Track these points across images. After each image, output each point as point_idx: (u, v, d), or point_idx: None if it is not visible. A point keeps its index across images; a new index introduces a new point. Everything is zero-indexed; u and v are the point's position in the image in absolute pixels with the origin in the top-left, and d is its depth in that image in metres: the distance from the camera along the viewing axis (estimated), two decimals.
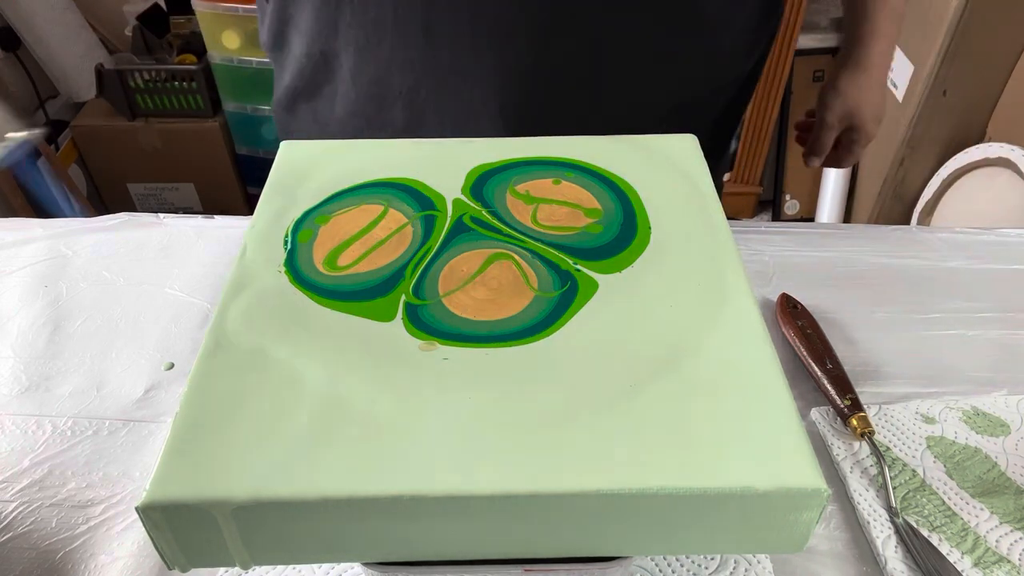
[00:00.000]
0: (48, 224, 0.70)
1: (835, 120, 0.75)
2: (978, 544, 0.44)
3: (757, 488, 0.30)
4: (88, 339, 0.58)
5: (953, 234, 0.69)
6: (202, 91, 1.79)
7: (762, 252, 0.66)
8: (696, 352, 0.35)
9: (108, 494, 0.47)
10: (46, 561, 0.44)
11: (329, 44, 0.65)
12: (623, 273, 0.40)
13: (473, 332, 0.37)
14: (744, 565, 0.43)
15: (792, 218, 1.98)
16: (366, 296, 0.39)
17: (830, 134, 0.76)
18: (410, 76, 0.64)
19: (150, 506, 0.30)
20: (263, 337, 0.36)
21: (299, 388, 0.34)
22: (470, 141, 0.50)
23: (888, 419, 0.51)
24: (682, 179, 0.47)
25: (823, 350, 0.54)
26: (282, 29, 0.68)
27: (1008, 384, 0.54)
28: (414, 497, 0.30)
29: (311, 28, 0.65)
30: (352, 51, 0.64)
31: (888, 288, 0.63)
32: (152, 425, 0.52)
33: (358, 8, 0.62)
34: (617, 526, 0.32)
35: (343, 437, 0.32)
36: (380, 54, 0.63)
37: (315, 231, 0.43)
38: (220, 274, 0.64)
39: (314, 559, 0.34)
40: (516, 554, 0.33)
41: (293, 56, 0.69)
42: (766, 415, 0.33)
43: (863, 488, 0.47)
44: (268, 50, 0.73)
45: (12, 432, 0.51)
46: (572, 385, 0.34)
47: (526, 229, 0.43)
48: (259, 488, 0.30)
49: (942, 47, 1.41)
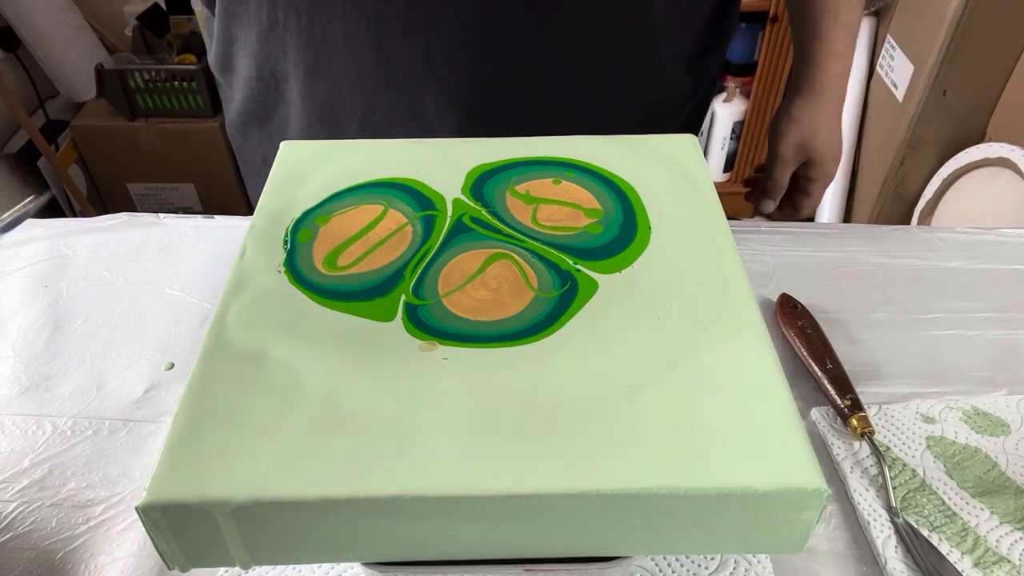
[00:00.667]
0: (48, 224, 0.70)
1: (790, 152, 0.67)
2: (978, 544, 0.44)
3: (757, 488, 0.30)
4: (88, 339, 0.58)
5: (953, 234, 0.69)
6: (202, 91, 1.78)
7: (762, 252, 0.66)
8: (696, 352, 0.35)
9: (108, 494, 0.47)
10: (46, 561, 0.44)
11: (277, 66, 0.63)
12: (623, 273, 0.40)
13: (473, 332, 0.37)
14: (744, 565, 0.43)
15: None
16: (366, 296, 0.39)
17: (786, 169, 0.69)
18: (363, 97, 0.62)
19: (150, 506, 0.30)
20: (263, 337, 0.36)
21: (299, 388, 0.34)
22: (470, 141, 0.50)
23: (888, 419, 0.51)
24: (682, 179, 0.47)
25: (823, 350, 0.54)
26: (228, 51, 0.66)
27: (1008, 384, 0.54)
28: (414, 497, 0.30)
29: (257, 50, 0.63)
30: (301, 73, 0.62)
31: (888, 288, 0.63)
32: (152, 425, 0.52)
33: (304, 29, 0.59)
34: (617, 526, 0.32)
35: (343, 437, 0.32)
36: (331, 76, 0.61)
37: (315, 231, 0.43)
38: (220, 274, 0.64)
39: (314, 559, 0.34)
40: (516, 554, 0.33)
41: (241, 79, 0.67)
42: (766, 415, 0.33)
43: (863, 488, 0.47)
44: (216, 72, 0.71)
45: (12, 432, 0.51)
46: (572, 385, 0.34)
47: (526, 229, 0.43)
48: (259, 488, 0.30)
49: (942, 47, 1.41)
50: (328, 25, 0.58)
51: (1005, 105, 1.48)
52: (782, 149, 0.68)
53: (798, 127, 0.67)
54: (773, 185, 0.70)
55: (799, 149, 0.68)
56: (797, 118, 0.67)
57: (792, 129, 0.67)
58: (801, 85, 0.67)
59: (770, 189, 0.70)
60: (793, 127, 0.67)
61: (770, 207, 0.72)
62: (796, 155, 0.68)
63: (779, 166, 0.68)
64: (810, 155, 0.68)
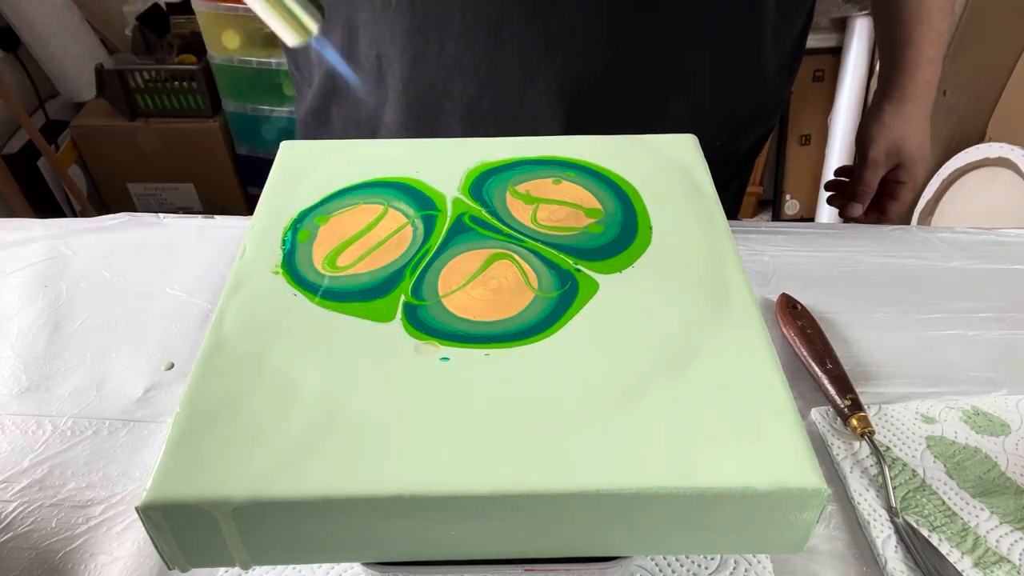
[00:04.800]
0: (48, 224, 0.70)
1: (881, 156, 0.68)
2: (978, 544, 0.44)
3: (757, 488, 0.30)
4: (88, 339, 0.58)
5: (953, 234, 0.69)
6: (202, 91, 1.79)
7: (762, 252, 0.66)
8: (696, 352, 0.35)
9: (108, 494, 0.47)
10: (46, 561, 0.44)
11: (383, 48, 0.62)
12: (624, 273, 0.40)
13: (473, 332, 0.37)
14: (744, 565, 0.43)
15: (792, 218, 1.98)
16: (365, 297, 0.39)
17: (876, 173, 0.69)
18: (472, 84, 0.61)
19: (150, 506, 0.30)
20: (262, 338, 0.36)
21: (299, 388, 0.34)
22: (470, 140, 0.50)
23: (888, 419, 0.51)
24: (682, 179, 0.47)
25: (823, 350, 0.54)
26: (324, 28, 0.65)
27: (1008, 384, 0.54)
28: (414, 497, 0.30)
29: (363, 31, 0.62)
30: (408, 57, 0.61)
31: (888, 288, 0.63)
32: (152, 425, 0.52)
33: (418, 12, 0.58)
34: (617, 526, 0.32)
35: (343, 437, 0.32)
36: (440, 61, 0.61)
37: (314, 231, 0.43)
38: (220, 274, 0.64)
39: (314, 559, 0.34)
40: (516, 554, 0.33)
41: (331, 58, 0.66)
42: (766, 415, 0.33)
43: (863, 488, 0.47)
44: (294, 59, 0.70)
45: (12, 432, 0.51)
46: (572, 385, 0.34)
47: (526, 229, 0.43)
48: (259, 488, 0.30)
49: None
50: (447, 10, 0.58)
51: (1005, 105, 1.48)
52: (873, 153, 0.69)
53: (889, 132, 0.68)
54: (863, 189, 0.71)
55: (890, 154, 0.69)
56: (888, 123, 0.68)
57: (883, 134, 0.68)
58: (892, 91, 0.68)
59: (860, 193, 0.71)
60: (884, 132, 0.68)
61: (858, 211, 0.72)
62: (887, 160, 0.69)
63: (870, 170, 0.69)
64: (900, 159, 0.69)
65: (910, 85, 0.67)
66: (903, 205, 0.72)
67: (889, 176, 0.71)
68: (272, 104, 1.79)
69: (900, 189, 0.71)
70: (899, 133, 0.68)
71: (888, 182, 0.71)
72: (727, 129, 0.68)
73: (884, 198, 0.72)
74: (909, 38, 0.66)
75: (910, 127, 0.68)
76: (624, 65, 0.61)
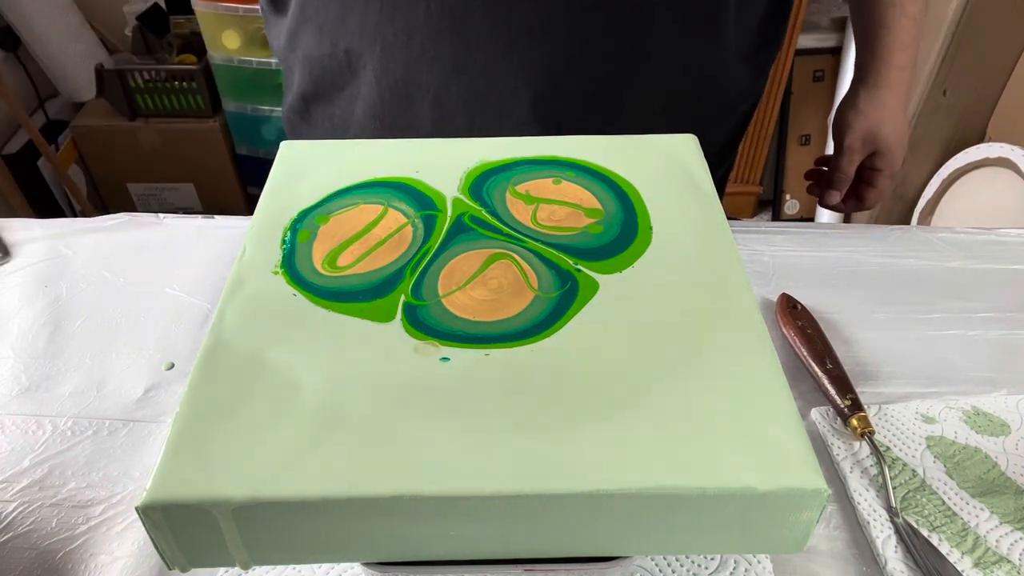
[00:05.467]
0: (48, 224, 0.70)
1: (857, 143, 0.68)
2: (978, 544, 0.44)
3: (757, 488, 0.30)
4: (88, 339, 0.58)
5: (953, 234, 0.69)
6: (202, 91, 1.78)
7: (762, 252, 0.66)
8: (696, 352, 0.35)
9: (108, 494, 0.47)
10: (46, 561, 0.44)
11: (353, 43, 0.63)
12: (624, 273, 0.40)
13: (473, 333, 0.37)
14: (744, 565, 0.43)
15: (792, 218, 1.98)
16: (365, 297, 0.39)
17: (852, 160, 0.69)
18: (439, 74, 0.63)
19: (150, 506, 0.30)
20: (262, 338, 0.36)
21: (298, 388, 0.34)
22: (470, 140, 0.50)
23: (888, 419, 0.51)
24: (682, 179, 0.47)
25: (823, 350, 0.54)
26: (298, 28, 0.67)
27: (1008, 384, 0.54)
28: (414, 497, 0.30)
29: (333, 28, 0.63)
30: (378, 49, 0.63)
31: (888, 288, 0.63)
32: (152, 425, 0.52)
33: (387, 4, 0.60)
34: (617, 526, 0.32)
35: (343, 437, 0.32)
36: (409, 53, 0.62)
37: (314, 231, 0.43)
38: (220, 274, 0.64)
39: (314, 559, 0.34)
40: (516, 554, 0.33)
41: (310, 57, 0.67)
42: (766, 415, 0.33)
43: (863, 488, 0.47)
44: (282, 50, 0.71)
45: (12, 432, 0.51)
46: (572, 386, 0.34)
47: (526, 229, 0.43)
48: (259, 488, 0.30)
49: (942, 47, 1.41)
50: (413, 1, 0.59)
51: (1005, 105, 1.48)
52: (849, 140, 0.68)
53: (865, 119, 0.68)
54: (840, 176, 0.70)
55: (866, 140, 0.68)
56: (863, 110, 0.68)
57: (859, 121, 0.68)
58: (867, 77, 0.68)
59: (836, 180, 0.71)
60: (860, 119, 0.68)
61: (836, 198, 0.72)
62: (863, 146, 0.69)
63: (846, 157, 0.69)
64: (877, 146, 0.69)
65: (884, 71, 0.67)
66: (881, 192, 0.72)
67: (866, 163, 0.70)
68: (272, 104, 1.79)
69: (877, 176, 0.71)
70: (874, 119, 0.68)
71: (865, 169, 0.71)
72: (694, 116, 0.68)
73: (862, 185, 0.72)
74: (882, 23, 0.66)
75: (885, 113, 0.67)
76: (586, 53, 0.61)
